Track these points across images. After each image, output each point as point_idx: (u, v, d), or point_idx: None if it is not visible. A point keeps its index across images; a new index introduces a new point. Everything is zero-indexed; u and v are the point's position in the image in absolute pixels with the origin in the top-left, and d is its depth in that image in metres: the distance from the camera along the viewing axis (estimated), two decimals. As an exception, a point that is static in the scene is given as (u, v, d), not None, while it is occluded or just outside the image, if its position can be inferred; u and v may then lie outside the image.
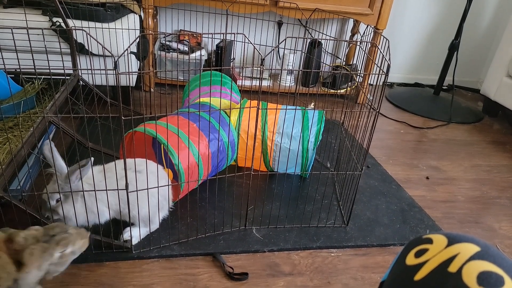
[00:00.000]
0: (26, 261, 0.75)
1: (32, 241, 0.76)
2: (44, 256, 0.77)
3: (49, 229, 0.80)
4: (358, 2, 2.01)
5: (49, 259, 0.78)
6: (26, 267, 0.75)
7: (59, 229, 0.80)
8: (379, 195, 1.42)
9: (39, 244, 0.76)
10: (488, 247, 0.42)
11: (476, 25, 2.68)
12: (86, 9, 1.53)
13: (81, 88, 1.47)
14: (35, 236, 0.77)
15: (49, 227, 0.80)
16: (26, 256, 0.75)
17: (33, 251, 0.76)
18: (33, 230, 0.78)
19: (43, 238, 0.77)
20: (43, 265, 0.78)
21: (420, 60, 2.76)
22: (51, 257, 0.78)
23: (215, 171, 1.30)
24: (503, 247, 1.25)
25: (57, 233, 0.79)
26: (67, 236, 0.80)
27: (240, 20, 2.29)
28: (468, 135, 2.08)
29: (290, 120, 1.34)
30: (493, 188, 1.58)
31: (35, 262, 0.76)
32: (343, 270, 1.06)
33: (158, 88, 2.16)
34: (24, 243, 0.75)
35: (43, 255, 0.77)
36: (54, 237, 0.78)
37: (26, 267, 0.75)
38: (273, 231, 1.17)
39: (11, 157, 0.95)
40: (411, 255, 0.46)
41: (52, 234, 0.79)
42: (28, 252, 0.75)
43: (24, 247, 0.75)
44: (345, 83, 2.31)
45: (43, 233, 0.78)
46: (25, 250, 0.75)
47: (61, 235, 0.79)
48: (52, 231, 0.79)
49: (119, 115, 0.85)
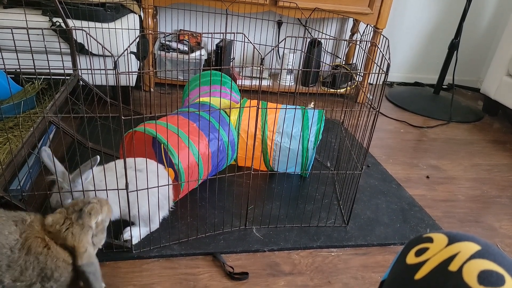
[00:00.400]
0: (73, 243, 0.77)
1: (61, 221, 0.77)
2: (85, 231, 0.79)
3: (73, 206, 0.81)
4: (358, 2, 2.01)
5: (91, 231, 0.80)
6: (79, 248, 0.77)
7: (81, 203, 0.81)
8: (379, 194, 1.42)
9: (74, 223, 0.78)
10: (489, 246, 0.42)
11: (476, 24, 2.68)
12: (86, 9, 1.53)
13: (81, 88, 1.47)
14: (62, 216, 0.78)
15: (72, 204, 0.81)
16: (69, 238, 0.76)
17: (72, 230, 0.77)
18: (57, 213, 0.80)
19: (73, 216, 0.79)
20: (90, 239, 0.80)
21: (420, 59, 2.76)
22: (91, 229, 0.80)
23: (215, 171, 1.30)
24: (504, 246, 1.25)
25: (83, 207, 0.80)
26: (93, 205, 0.81)
27: (240, 19, 2.29)
28: (468, 134, 2.08)
29: (290, 120, 1.34)
30: (493, 187, 1.58)
31: (82, 239, 0.78)
32: (344, 270, 1.06)
33: (158, 88, 2.15)
34: (53, 225, 0.77)
35: (84, 230, 0.79)
36: (82, 210, 0.80)
37: (79, 248, 0.77)
38: (273, 230, 1.17)
39: (11, 157, 0.95)
40: (412, 254, 0.46)
41: (78, 209, 0.80)
42: (69, 234, 0.77)
43: (57, 230, 0.76)
44: (345, 83, 2.31)
45: (68, 211, 0.79)
46: (63, 233, 0.76)
47: (88, 206, 0.80)
48: (76, 207, 0.80)
49: (119, 115, 0.85)
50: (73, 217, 0.79)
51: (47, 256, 0.74)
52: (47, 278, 0.74)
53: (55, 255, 0.75)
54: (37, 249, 0.74)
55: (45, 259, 0.74)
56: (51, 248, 0.75)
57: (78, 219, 0.79)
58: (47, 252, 0.75)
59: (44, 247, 0.75)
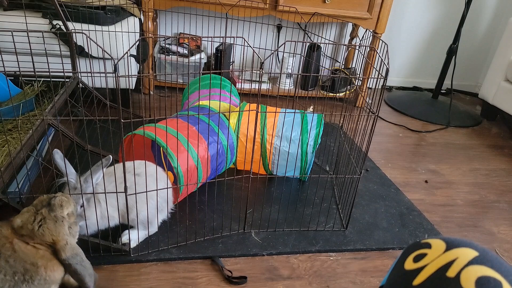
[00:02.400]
0: (51, 238, 0.75)
1: (32, 219, 0.75)
2: (60, 223, 0.77)
3: (40, 201, 0.78)
4: (357, 6, 2.02)
5: (66, 222, 0.78)
6: (59, 242, 0.75)
7: (46, 199, 0.79)
8: (378, 198, 1.42)
9: (46, 217, 0.75)
10: (486, 252, 0.43)
11: (474, 30, 2.70)
12: (86, 12, 1.53)
13: (80, 91, 1.47)
14: (32, 214, 0.76)
15: (38, 202, 0.78)
16: (46, 234, 0.74)
17: (47, 225, 0.75)
18: (24, 212, 0.77)
19: (43, 211, 0.76)
20: (68, 230, 0.78)
21: (418, 64, 2.77)
22: (66, 220, 0.78)
23: (214, 174, 1.30)
24: (502, 251, 1.25)
25: (50, 200, 0.78)
26: (61, 197, 0.79)
27: (240, 23, 2.30)
28: (467, 139, 2.09)
29: (289, 123, 1.34)
30: (492, 192, 1.58)
31: (60, 231, 0.76)
32: (342, 274, 1.06)
33: (157, 90, 2.16)
34: (24, 225, 0.74)
35: (58, 223, 0.77)
36: (51, 203, 0.77)
37: (59, 242, 0.75)
38: (272, 234, 1.17)
39: (9, 160, 0.95)
40: (410, 259, 0.46)
41: (46, 203, 0.77)
42: (45, 230, 0.74)
43: (31, 229, 0.74)
44: (344, 87, 2.31)
45: (37, 207, 0.77)
46: (38, 231, 0.74)
47: (56, 199, 0.78)
48: (44, 202, 0.78)
49: (119, 117, 0.85)
50: (43, 211, 0.76)
51: (16, 259, 0.72)
52: (22, 281, 0.72)
53: (22, 257, 0.72)
54: (6, 253, 0.72)
55: (14, 262, 0.72)
56: (17, 251, 0.72)
57: (50, 212, 0.76)
58: (15, 255, 0.72)
59: (12, 250, 0.72)
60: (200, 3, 1.89)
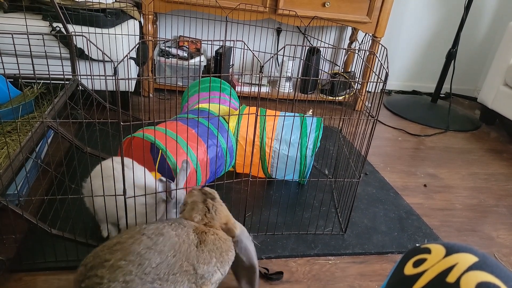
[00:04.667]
0: (225, 218, 0.85)
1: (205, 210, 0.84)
2: (224, 206, 0.88)
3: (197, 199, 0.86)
4: (357, 10, 2.03)
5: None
6: (230, 220, 0.86)
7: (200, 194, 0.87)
8: (377, 202, 1.42)
9: (215, 204, 0.85)
10: (486, 257, 0.43)
11: (473, 34, 2.71)
12: (86, 14, 1.53)
13: (80, 93, 1.47)
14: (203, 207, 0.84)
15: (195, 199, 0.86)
16: (222, 216, 0.85)
17: (219, 210, 0.85)
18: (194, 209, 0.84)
19: (208, 201, 0.85)
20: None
21: (417, 68, 2.78)
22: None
23: (213, 177, 1.30)
24: (501, 256, 1.25)
25: (205, 193, 0.87)
26: (209, 189, 0.89)
27: (240, 26, 2.31)
28: (466, 143, 2.09)
29: (288, 127, 1.34)
30: (491, 197, 1.58)
31: (227, 212, 0.88)
32: (341, 278, 1.06)
33: (157, 93, 2.16)
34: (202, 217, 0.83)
35: (223, 205, 0.88)
36: (209, 194, 0.87)
37: (230, 220, 0.86)
38: (271, 238, 1.17)
39: (8, 162, 0.94)
40: (409, 265, 0.46)
41: (204, 196, 0.87)
42: (221, 214, 0.85)
43: (211, 217, 0.83)
44: (343, 90, 2.32)
45: (206, 201, 0.86)
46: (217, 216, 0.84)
47: (207, 191, 0.87)
48: (201, 197, 0.86)
49: (118, 120, 0.85)
50: (208, 201, 0.85)
51: (220, 241, 0.80)
52: (223, 262, 0.80)
53: (224, 237, 0.82)
54: (209, 237, 0.79)
55: (220, 243, 0.80)
56: (218, 234, 0.81)
57: (213, 200, 0.85)
58: (219, 238, 0.80)
59: (213, 235, 0.80)
60: (200, 6, 1.90)
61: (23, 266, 0.95)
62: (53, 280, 0.94)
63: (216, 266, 0.78)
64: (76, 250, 0.97)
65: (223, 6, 1.89)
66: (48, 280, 0.94)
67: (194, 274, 0.74)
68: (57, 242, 0.99)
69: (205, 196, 0.86)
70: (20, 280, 0.93)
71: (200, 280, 0.75)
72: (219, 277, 0.79)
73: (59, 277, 0.94)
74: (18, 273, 0.94)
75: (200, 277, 0.75)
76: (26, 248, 1.00)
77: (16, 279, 0.93)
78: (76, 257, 0.97)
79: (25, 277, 0.94)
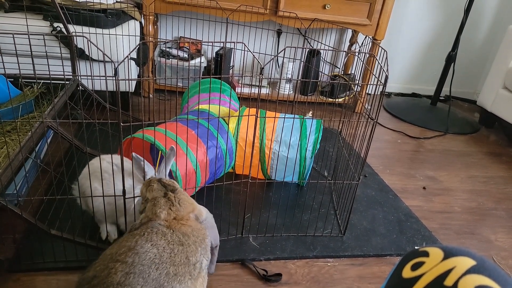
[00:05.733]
0: (191, 206, 0.85)
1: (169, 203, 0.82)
2: (185, 193, 0.87)
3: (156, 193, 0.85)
4: (357, 13, 2.04)
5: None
6: (195, 207, 0.86)
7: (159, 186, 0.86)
8: (376, 204, 1.42)
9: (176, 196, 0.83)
10: (484, 261, 0.43)
11: (473, 37, 2.72)
12: (87, 15, 1.53)
13: (80, 93, 1.47)
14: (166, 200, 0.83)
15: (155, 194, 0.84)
16: (187, 205, 0.84)
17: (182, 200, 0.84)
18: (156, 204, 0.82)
19: (169, 193, 0.84)
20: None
21: (417, 71, 2.79)
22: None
23: (212, 178, 1.30)
24: (499, 259, 1.25)
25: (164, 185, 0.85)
26: (166, 179, 0.87)
27: (240, 28, 2.31)
28: (465, 145, 2.09)
29: (288, 129, 1.34)
30: (490, 200, 1.58)
31: (191, 199, 0.87)
32: (340, 280, 1.06)
33: (157, 94, 2.16)
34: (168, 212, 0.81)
35: (184, 193, 0.87)
36: (166, 183, 0.85)
37: (195, 207, 0.86)
38: (270, 239, 1.17)
39: (8, 162, 0.94)
40: (408, 268, 0.46)
41: (163, 187, 0.85)
42: (186, 203, 0.84)
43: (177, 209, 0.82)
44: (343, 92, 2.32)
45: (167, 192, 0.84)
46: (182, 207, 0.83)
47: (165, 182, 0.86)
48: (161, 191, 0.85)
49: (118, 120, 0.85)
50: (170, 194, 0.83)
51: (197, 230, 0.80)
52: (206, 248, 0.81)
53: (198, 226, 0.82)
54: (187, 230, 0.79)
55: (197, 232, 0.80)
56: (191, 224, 0.81)
57: (174, 192, 0.84)
58: (195, 228, 0.80)
59: (188, 226, 0.80)
60: (200, 7, 1.90)
61: (22, 266, 0.95)
62: (52, 280, 0.94)
63: (201, 253, 0.78)
64: (75, 251, 0.97)
65: (223, 7, 1.89)
66: (47, 280, 0.93)
67: (188, 270, 0.73)
68: (56, 242, 0.99)
69: (166, 189, 0.83)
70: (18, 280, 0.93)
71: (194, 271, 0.75)
72: (206, 264, 0.80)
73: (58, 277, 0.94)
74: (17, 273, 0.94)
75: (194, 268, 0.75)
76: (25, 248, 1.00)
77: (15, 279, 0.93)
78: (75, 257, 0.97)
79: (24, 277, 0.94)
